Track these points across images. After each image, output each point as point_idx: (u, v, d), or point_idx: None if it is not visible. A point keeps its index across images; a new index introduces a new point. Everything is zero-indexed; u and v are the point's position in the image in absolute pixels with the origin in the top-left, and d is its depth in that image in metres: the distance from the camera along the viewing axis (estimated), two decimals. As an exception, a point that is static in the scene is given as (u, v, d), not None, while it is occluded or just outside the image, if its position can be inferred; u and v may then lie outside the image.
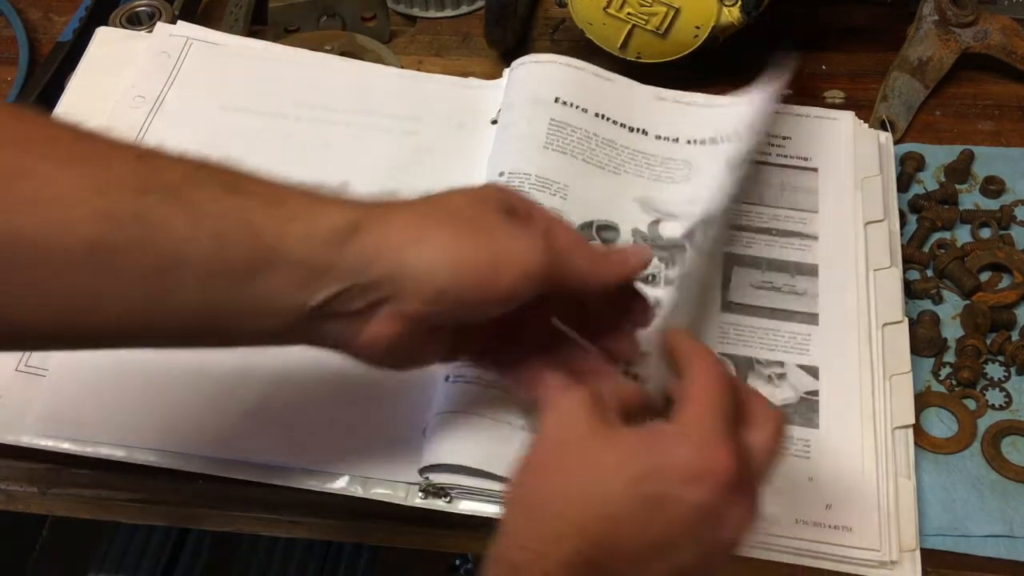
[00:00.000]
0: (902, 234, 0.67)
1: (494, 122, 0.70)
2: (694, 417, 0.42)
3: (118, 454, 0.57)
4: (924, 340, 0.62)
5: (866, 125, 0.72)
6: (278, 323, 0.43)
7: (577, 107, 0.68)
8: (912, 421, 0.58)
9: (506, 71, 0.73)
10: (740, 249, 0.65)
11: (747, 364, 0.60)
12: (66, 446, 0.57)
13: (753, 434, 0.43)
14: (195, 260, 0.40)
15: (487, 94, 0.73)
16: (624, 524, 0.40)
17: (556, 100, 0.68)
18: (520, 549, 0.41)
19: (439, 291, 0.43)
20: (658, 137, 0.70)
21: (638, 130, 0.70)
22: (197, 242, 0.40)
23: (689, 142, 0.69)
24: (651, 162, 0.68)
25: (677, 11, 0.72)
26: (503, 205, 0.46)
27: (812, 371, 0.60)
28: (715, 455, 0.41)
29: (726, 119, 0.68)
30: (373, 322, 0.44)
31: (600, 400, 0.44)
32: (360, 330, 0.44)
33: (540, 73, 0.70)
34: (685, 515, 0.40)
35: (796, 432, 0.57)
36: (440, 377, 0.57)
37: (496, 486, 0.53)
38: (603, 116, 0.69)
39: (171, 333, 0.43)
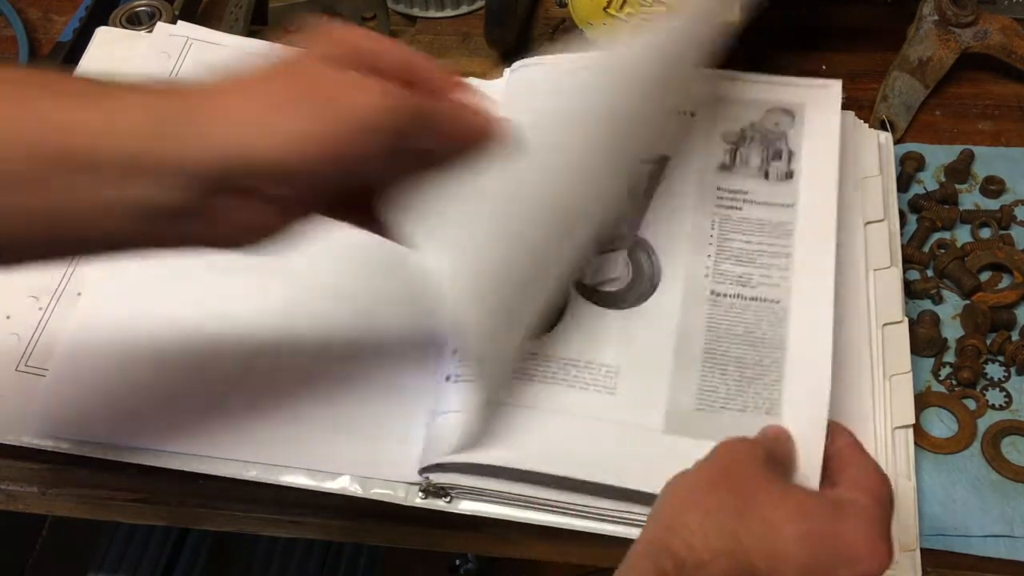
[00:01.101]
0: (902, 234, 0.67)
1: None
2: (870, 504, 0.45)
3: (118, 454, 0.57)
4: (924, 340, 0.62)
5: (866, 125, 0.72)
6: (113, 226, 0.40)
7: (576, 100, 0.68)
8: (912, 421, 0.58)
9: (506, 71, 0.73)
10: (740, 249, 0.65)
11: (747, 364, 0.60)
12: (66, 446, 0.57)
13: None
14: None
15: (487, 93, 0.73)
16: (782, 563, 0.43)
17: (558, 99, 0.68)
18: (688, 547, 0.43)
19: (288, 172, 0.40)
20: None
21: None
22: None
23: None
24: None
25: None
26: (346, 56, 0.42)
27: (812, 371, 0.60)
28: (880, 549, 0.44)
29: None
30: (229, 213, 0.41)
31: (769, 452, 0.49)
32: (215, 222, 0.42)
33: (540, 75, 0.70)
34: None
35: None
36: (441, 377, 0.57)
37: (497, 485, 0.53)
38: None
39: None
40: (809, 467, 0.51)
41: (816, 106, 0.66)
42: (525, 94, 0.69)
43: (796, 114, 0.66)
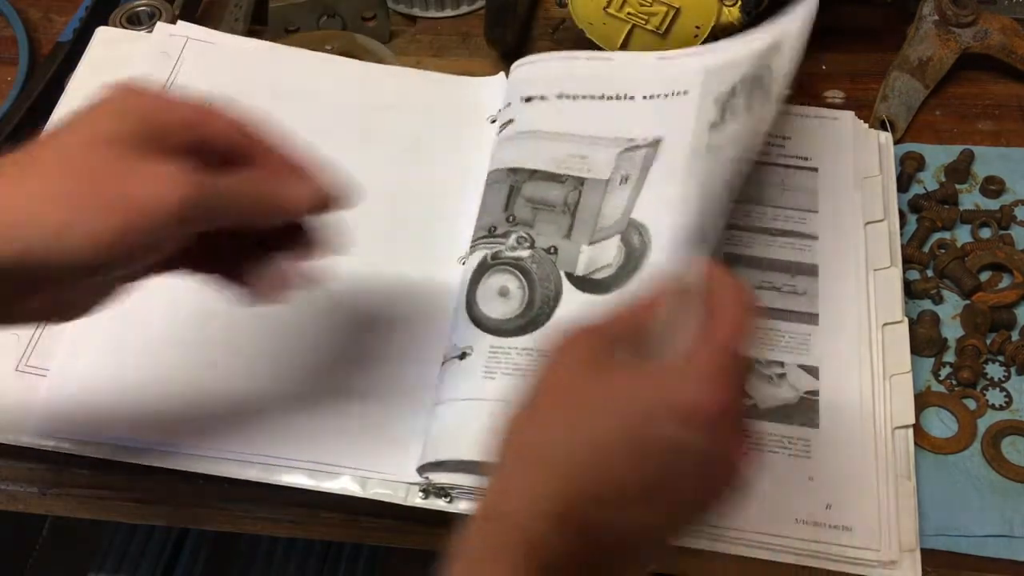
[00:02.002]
0: (902, 234, 0.67)
1: (493, 120, 0.70)
2: (705, 355, 0.39)
3: (118, 454, 0.57)
4: (924, 340, 0.62)
5: (866, 125, 0.72)
6: None
7: (576, 97, 0.68)
8: (912, 421, 0.58)
9: (503, 73, 0.73)
10: (740, 249, 0.65)
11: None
12: (66, 446, 0.57)
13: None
14: None
15: (485, 92, 0.73)
16: (611, 469, 0.38)
17: (559, 96, 0.68)
18: (504, 498, 0.39)
19: (72, 267, 0.40)
20: (646, 98, 0.69)
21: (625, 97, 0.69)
22: None
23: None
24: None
25: (677, 11, 0.72)
26: (134, 135, 0.41)
27: (812, 371, 0.60)
28: (712, 391, 0.38)
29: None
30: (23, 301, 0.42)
31: (609, 337, 0.41)
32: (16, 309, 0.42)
33: (541, 71, 0.70)
34: (687, 457, 0.38)
35: (796, 432, 0.57)
36: (441, 365, 0.57)
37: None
38: (604, 96, 0.69)
39: None
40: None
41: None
42: (527, 89, 0.69)
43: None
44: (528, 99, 0.69)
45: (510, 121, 0.68)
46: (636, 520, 0.39)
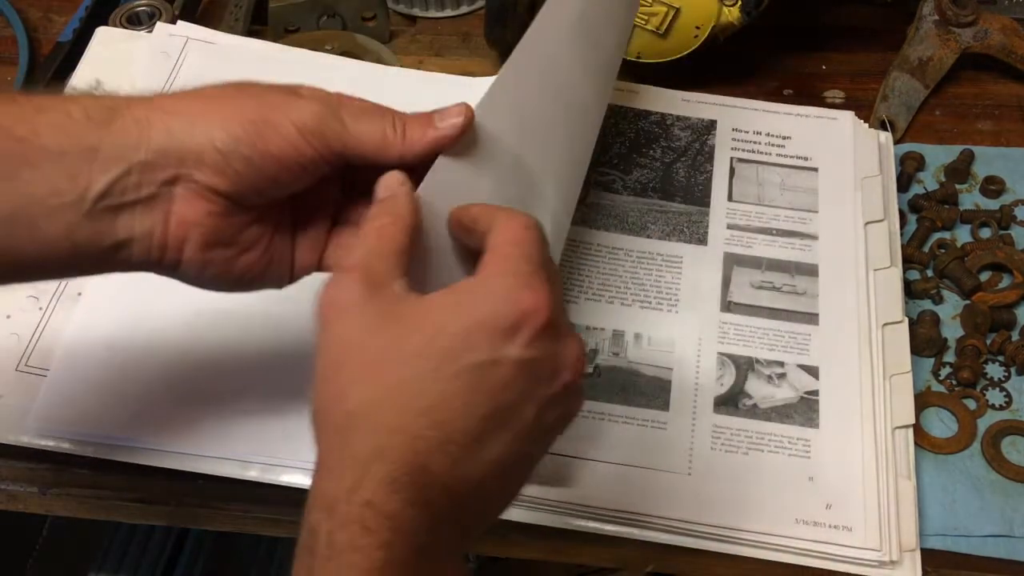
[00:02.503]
0: (902, 234, 0.67)
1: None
2: (496, 267, 0.38)
3: (118, 454, 0.57)
4: (924, 340, 0.62)
5: (866, 125, 0.72)
6: (63, 227, 0.41)
7: None
8: (912, 421, 0.58)
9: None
10: (740, 249, 0.65)
11: (747, 364, 0.60)
12: (66, 446, 0.57)
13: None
14: None
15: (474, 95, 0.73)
16: (446, 410, 0.35)
17: None
18: (335, 478, 0.35)
19: (221, 153, 0.41)
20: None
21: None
22: None
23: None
24: None
25: (677, 11, 0.72)
26: (282, 84, 0.45)
27: (812, 371, 0.60)
28: (522, 300, 0.36)
29: None
30: (176, 207, 0.42)
31: (373, 271, 0.38)
32: (164, 222, 0.42)
33: None
34: (510, 374, 0.36)
35: (796, 432, 0.57)
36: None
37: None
38: None
39: None
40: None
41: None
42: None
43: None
44: None
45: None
46: (487, 458, 0.36)
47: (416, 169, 0.44)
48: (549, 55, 0.51)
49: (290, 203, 0.46)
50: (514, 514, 0.54)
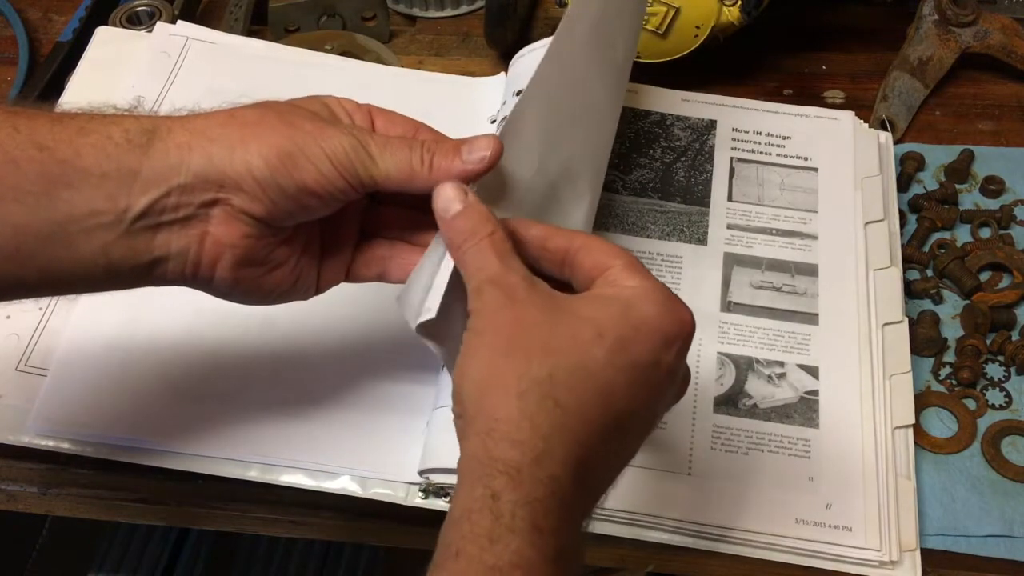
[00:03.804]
0: (902, 234, 0.67)
1: (493, 121, 0.70)
2: (640, 280, 0.41)
3: (118, 454, 0.57)
4: (924, 340, 0.62)
5: (866, 125, 0.72)
6: (100, 245, 0.42)
7: None
8: (912, 421, 0.58)
9: (503, 73, 0.73)
10: (740, 249, 0.65)
11: (747, 364, 0.60)
12: (66, 446, 0.57)
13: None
14: None
15: (485, 93, 0.73)
16: (614, 396, 0.38)
17: None
18: (516, 445, 0.37)
19: (258, 182, 0.43)
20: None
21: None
22: None
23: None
24: None
25: (677, 11, 0.72)
26: (319, 110, 0.46)
27: (812, 371, 0.60)
28: (682, 314, 0.41)
29: None
30: (212, 228, 0.44)
31: (520, 269, 0.41)
32: (200, 241, 0.44)
33: (531, 62, 0.70)
34: (663, 377, 0.40)
35: (796, 432, 0.57)
36: (441, 372, 0.57)
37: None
38: None
39: None
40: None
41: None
42: (518, 83, 0.69)
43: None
44: (519, 93, 0.69)
45: (505, 119, 0.68)
46: (626, 446, 0.41)
47: None
48: (570, 68, 0.51)
49: (319, 223, 0.48)
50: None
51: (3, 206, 0.41)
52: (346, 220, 0.49)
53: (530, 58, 0.71)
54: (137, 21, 0.80)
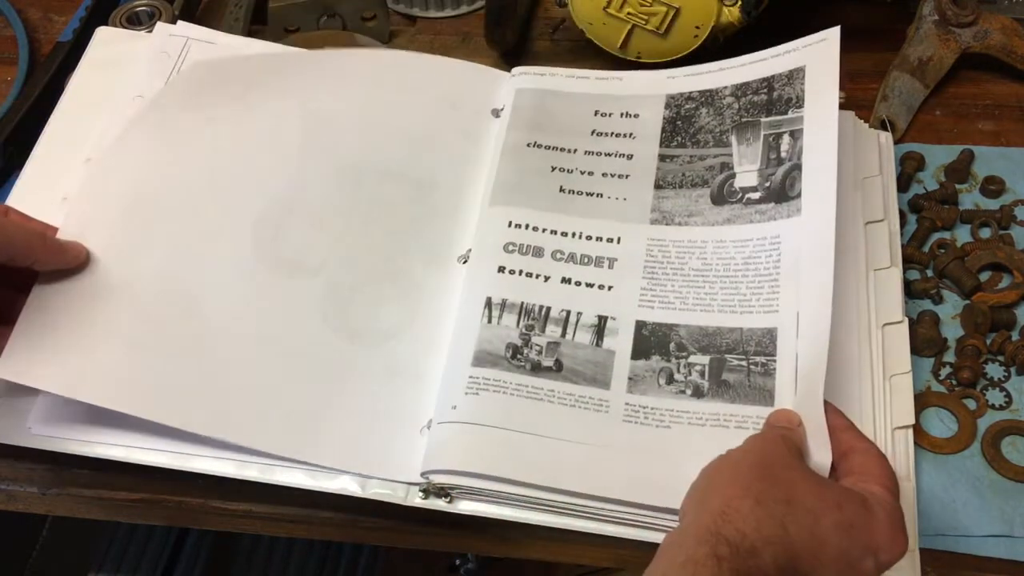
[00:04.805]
0: (902, 234, 0.67)
1: (497, 115, 0.70)
2: (888, 498, 0.48)
3: (118, 454, 0.57)
4: (924, 340, 0.62)
5: (866, 125, 0.72)
6: None
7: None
8: (912, 421, 0.58)
9: (507, 75, 0.73)
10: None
11: (747, 364, 0.60)
12: (66, 446, 0.57)
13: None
14: None
15: (490, 83, 0.72)
16: (822, 551, 0.45)
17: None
18: (740, 534, 0.44)
19: None
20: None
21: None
22: None
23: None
24: None
25: (677, 11, 0.72)
26: None
27: (812, 371, 0.60)
28: (900, 540, 0.47)
29: None
30: None
31: (793, 443, 0.51)
32: None
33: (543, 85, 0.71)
34: (855, 569, 0.46)
35: (796, 432, 0.57)
36: (443, 374, 0.57)
37: (497, 486, 0.53)
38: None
39: None
40: (817, 453, 0.51)
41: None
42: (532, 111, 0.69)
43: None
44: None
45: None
46: None
47: None
48: None
49: None
50: (514, 514, 0.55)
51: None
52: None
53: (530, 80, 0.71)
54: (137, 21, 0.80)
